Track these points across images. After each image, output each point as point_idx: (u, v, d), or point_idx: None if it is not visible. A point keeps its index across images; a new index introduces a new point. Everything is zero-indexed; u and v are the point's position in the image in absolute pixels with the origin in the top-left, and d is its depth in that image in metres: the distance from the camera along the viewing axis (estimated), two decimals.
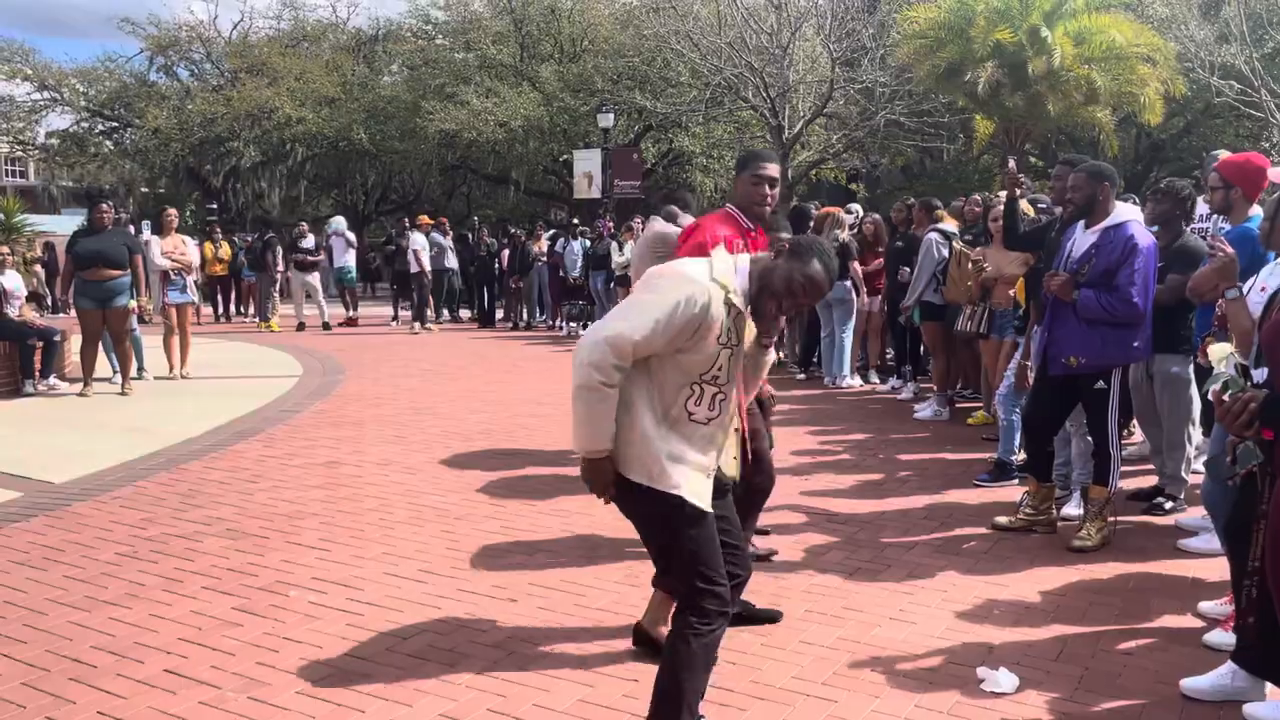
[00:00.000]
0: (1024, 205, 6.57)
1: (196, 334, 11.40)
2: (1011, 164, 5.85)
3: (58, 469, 6.27)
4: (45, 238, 12.10)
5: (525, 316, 17.24)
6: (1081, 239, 4.80)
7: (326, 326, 15.53)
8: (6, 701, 3.26)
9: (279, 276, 17.37)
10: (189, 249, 10.81)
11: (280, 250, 17.33)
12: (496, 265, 17.64)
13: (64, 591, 4.23)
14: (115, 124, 31.39)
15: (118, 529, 5.07)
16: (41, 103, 30.35)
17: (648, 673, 3.05)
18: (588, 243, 15.81)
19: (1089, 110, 19.53)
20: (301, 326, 15.42)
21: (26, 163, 40.42)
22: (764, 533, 4.87)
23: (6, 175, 44.38)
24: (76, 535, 4.98)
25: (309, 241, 16.28)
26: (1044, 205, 6.58)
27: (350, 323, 16.59)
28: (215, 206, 28.82)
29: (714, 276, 2.75)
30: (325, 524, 5.21)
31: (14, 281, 9.44)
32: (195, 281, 11.24)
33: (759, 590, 4.23)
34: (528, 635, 3.80)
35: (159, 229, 10.88)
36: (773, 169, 3.89)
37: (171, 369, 10.21)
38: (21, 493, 5.82)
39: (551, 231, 18.67)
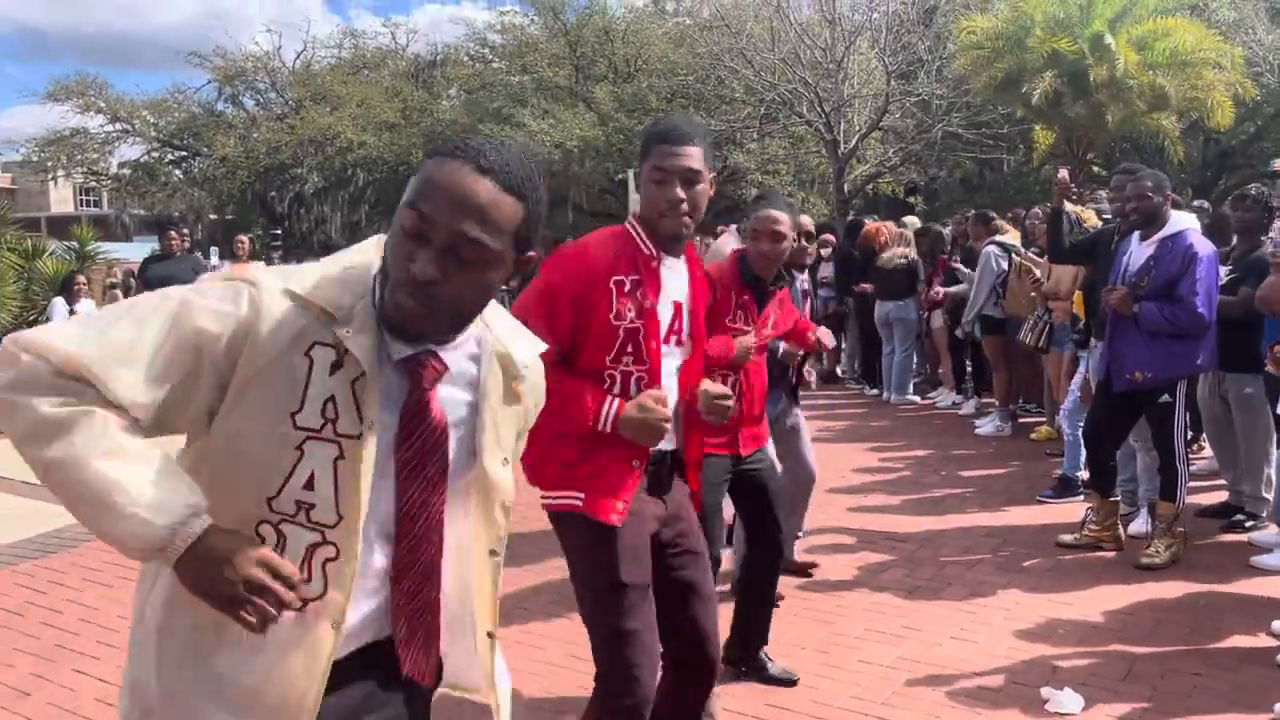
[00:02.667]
0: (1088, 214, 6.46)
1: None
2: (1063, 174, 5.67)
3: None
4: (124, 265, 12.50)
5: None
6: (1138, 251, 4.70)
7: None
8: (82, 717, 3.35)
9: None
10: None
11: None
12: None
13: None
14: (184, 153, 32.29)
15: None
16: (114, 134, 31.36)
17: None
18: None
19: (1153, 118, 19.13)
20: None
21: (100, 192, 41.71)
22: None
23: (81, 205, 45.90)
24: None
25: None
26: (1109, 215, 6.45)
27: None
28: (280, 232, 29.50)
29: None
30: None
31: (88, 309, 9.74)
32: None
33: (816, 608, 4.21)
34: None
35: (231, 255, 11.19)
36: (687, 154, 2.32)
37: None
38: None
39: None
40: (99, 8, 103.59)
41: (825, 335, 4.05)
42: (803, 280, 4.44)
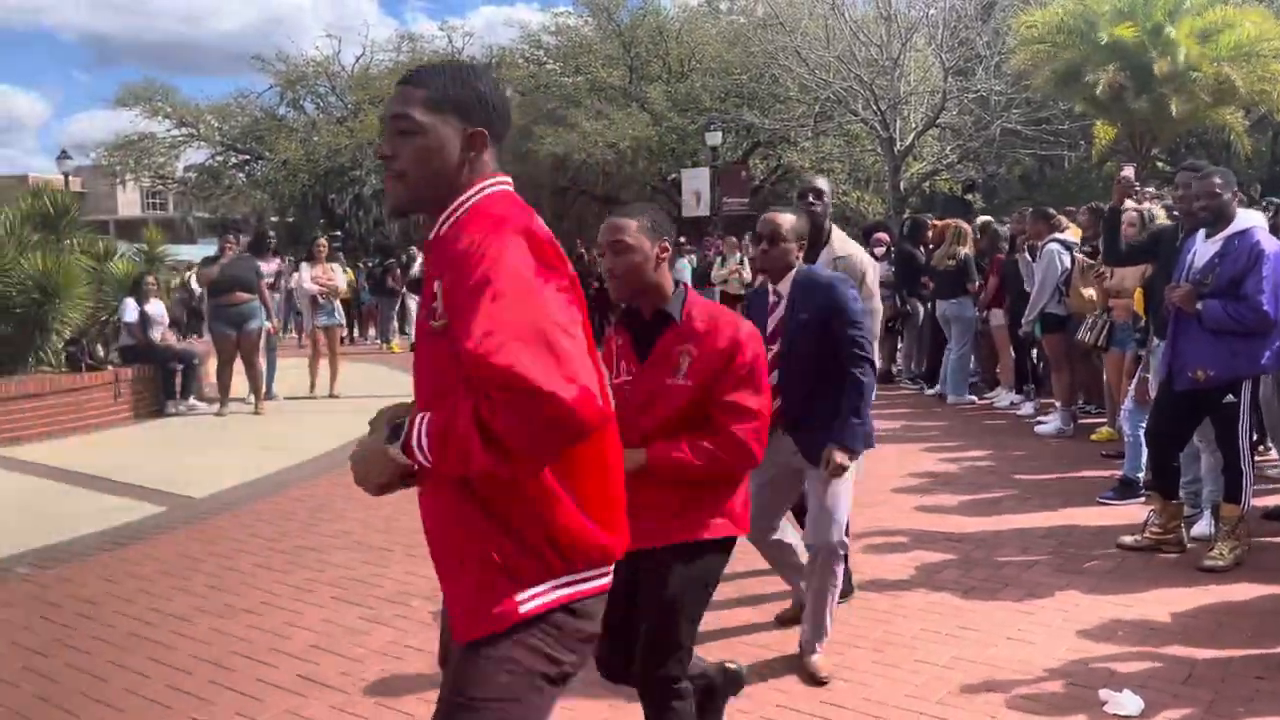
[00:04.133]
0: (1158, 210, 6.33)
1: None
2: (1127, 171, 5.52)
3: (198, 484, 6.64)
4: (186, 266, 12.85)
5: None
6: (1203, 249, 4.62)
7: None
8: (154, 702, 3.48)
9: (398, 300, 18.03)
10: (337, 275, 11.34)
11: (398, 274, 17.98)
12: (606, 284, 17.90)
13: (205, 599, 4.50)
14: (247, 157, 32.99)
15: (253, 541, 5.35)
16: (180, 138, 32.14)
17: None
18: (694, 258, 15.93)
19: (1218, 111, 18.68)
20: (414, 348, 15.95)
21: (166, 195, 42.76)
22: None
23: (148, 208, 47.09)
24: (216, 547, 5.28)
25: (418, 267, 16.89)
26: (1178, 213, 6.33)
27: None
28: (340, 234, 30.01)
29: None
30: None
31: (158, 309, 10.03)
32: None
33: (872, 607, 4.22)
34: None
35: (311, 256, 11.44)
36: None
37: (313, 388, 10.67)
38: (165, 507, 6.19)
39: None
40: (161, 15, 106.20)
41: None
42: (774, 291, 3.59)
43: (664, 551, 2.61)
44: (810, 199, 4.29)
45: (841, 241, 4.36)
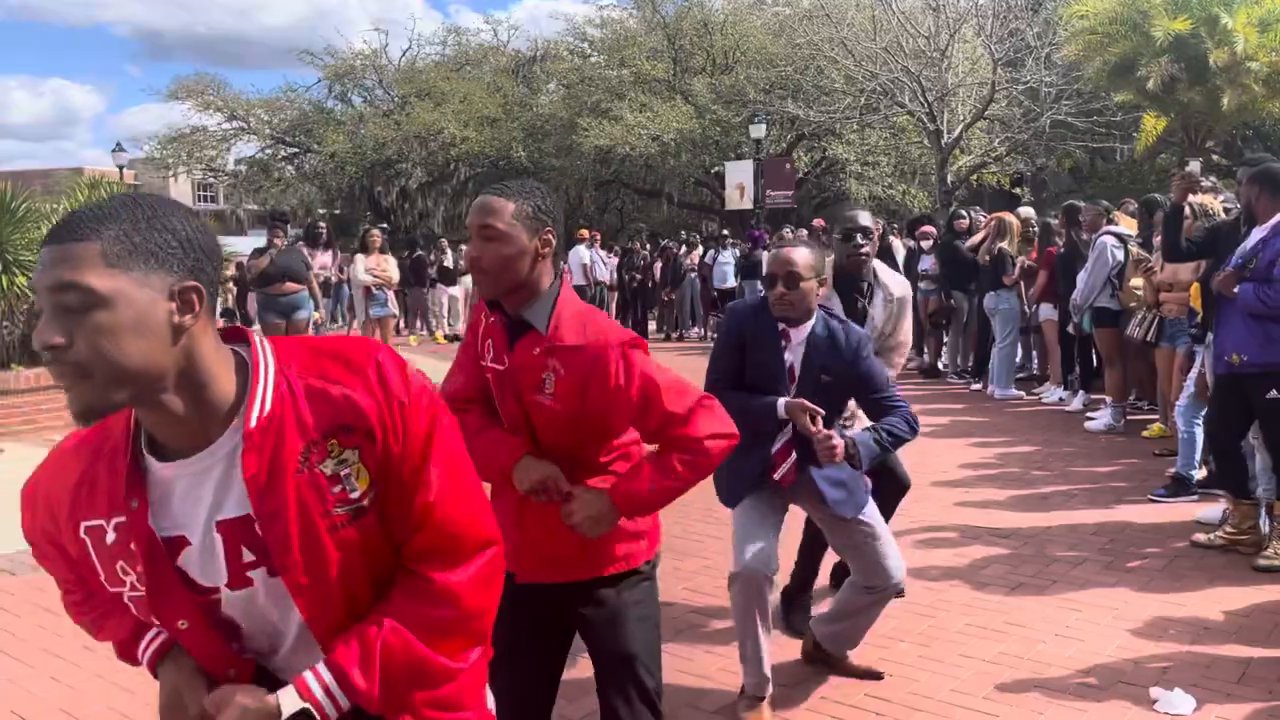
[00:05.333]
0: (1214, 204, 6.21)
1: None
2: (1193, 166, 5.37)
3: None
4: (237, 258, 13.04)
5: (677, 327, 17.48)
6: (1254, 234, 4.60)
7: (457, 339, 16.32)
8: None
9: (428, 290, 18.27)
10: (390, 266, 11.48)
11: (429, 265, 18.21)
12: (650, 278, 17.98)
13: None
14: (296, 150, 33.42)
15: None
16: (231, 132, 32.64)
17: None
18: (738, 252, 15.91)
19: (1275, 103, 18.25)
20: (454, 339, 16.21)
21: (216, 188, 43.46)
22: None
23: (199, 200, 47.89)
24: None
25: (449, 259, 17.14)
26: (1234, 207, 6.21)
27: None
28: (386, 226, 30.32)
29: None
30: None
31: None
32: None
33: (917, 602, 4.19)
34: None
35: (364, 248, 11.58)
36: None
37: None
38: None
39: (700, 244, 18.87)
40: (210, 9, 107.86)
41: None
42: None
43: (590, 586, 2.27)
44: (858, 240, 3.76)
45: (888, 279, 3.91)
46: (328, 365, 1.32)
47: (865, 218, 3.85)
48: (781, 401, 3.09)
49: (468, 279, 18.38)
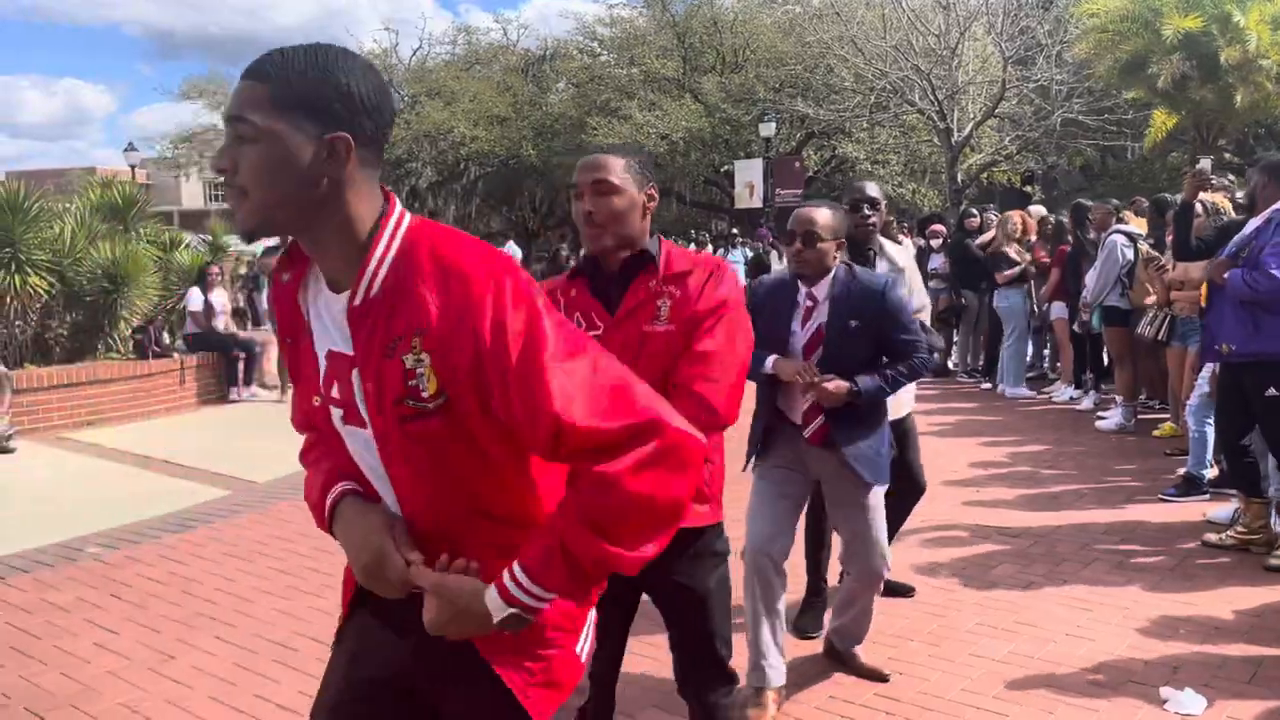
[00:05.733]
0: (1225, 202, 6.20)
1: None
2: (1204, 164, 5.36)
3: (261, 469, 6.79)
4: (248, 258, 13.11)
5: None
6: (1250, 224, 4.63)
7: None
8: (221, 679, 3.58)
9: None
10: None
11: None
12: None
13: (268, 581, 4.60)
14: None
15: (314, 525, 5.45)
16: None
17: None
18: (748, 251, 15.90)
19: None
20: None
21: None
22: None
23: (211, 199, 48.03)
24: (278, 531, 5.40)
25: None
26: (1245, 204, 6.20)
27: None
28: None
29: None
30: None
31: (221, 298, 10.25)
32: None
33: (927, 601, 4.19)
34: None
35: None
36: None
37: None
38: (229, 491, 6.34)
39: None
40: (221, 9, 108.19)
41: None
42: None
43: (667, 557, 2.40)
44: (865, 210, 3.84)
45: (892, 250, 3.99)
46: (440, 265, 1.36)
47: (872, 188, 3.97)
48: (771, 359, 3.13)
49: None
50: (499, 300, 1.33)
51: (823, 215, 3.13)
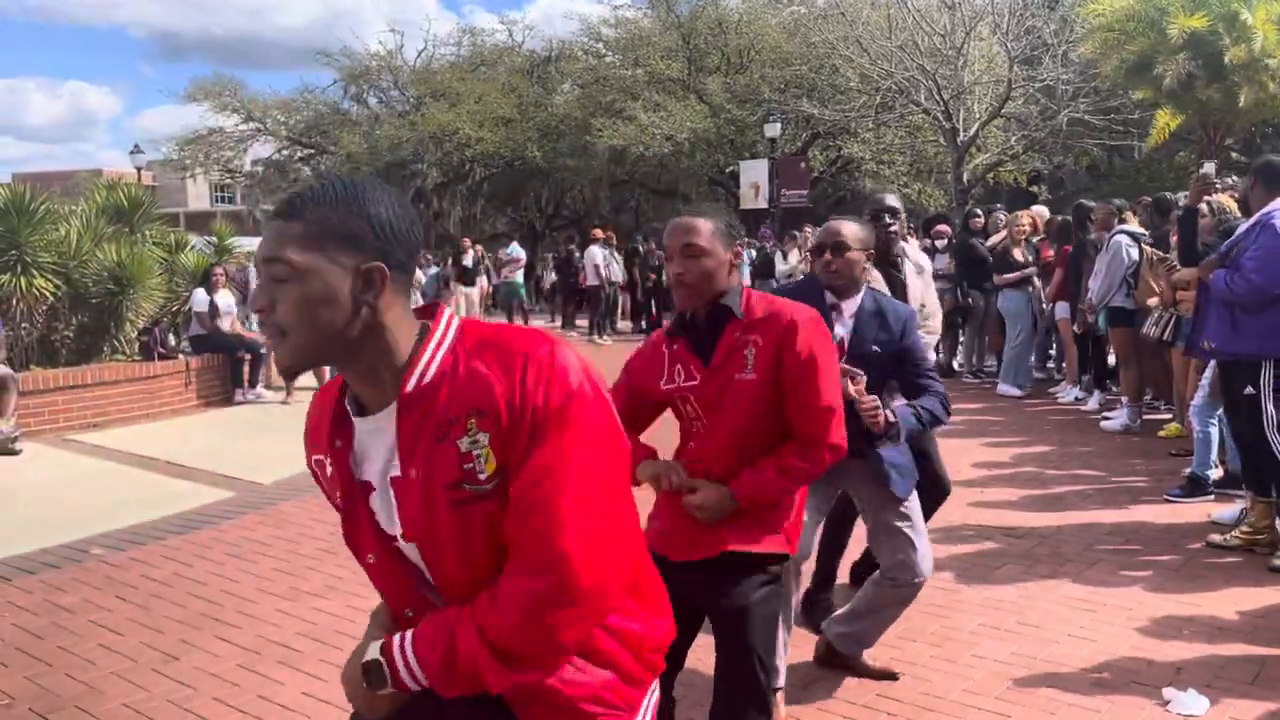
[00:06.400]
0: (1230, 203, 6.17)
1: None
2: (1208, 168, 5.33)
3: (266, 470, 6.81)
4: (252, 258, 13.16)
5: None
6: (1242, 225, 4.67)
7: None
8: (224, 680, 3.59)
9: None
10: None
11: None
12: (664, 277, 18.08)
13: (272, 582, 4.62)
14: (312, 151, 33.57)
15: (318, 526, 5.47)
16: (248, 133, 32.81)
17: None
18: (753, 252, 15.90)
19: None
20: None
21: (233, 189, 43.74)
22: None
23: (216, 201, 48.15)
24: (282, 531, 5.41)
25: (469, 259, 17.27)
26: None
27: None
28: None
29: None
30: None
31: (226, 299, 10.27)
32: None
33: (930, 602, 4.18)
34: None
35: None
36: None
37: None
38: (234, 492, 6.35)
39: None
40: (225, 10, 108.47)
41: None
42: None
43: (716, 565, 2.43)
44: (887, 219, 3.86)
45: (912, 252, 4.03)
46: (490, 349, 1.39)
47: (891, 198, 4.03)
48: None
49: (483, 279, 18.51)
50: (547, 377, 1.35)
51: (849, 227, 3.20)
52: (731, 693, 2.45)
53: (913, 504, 3.28)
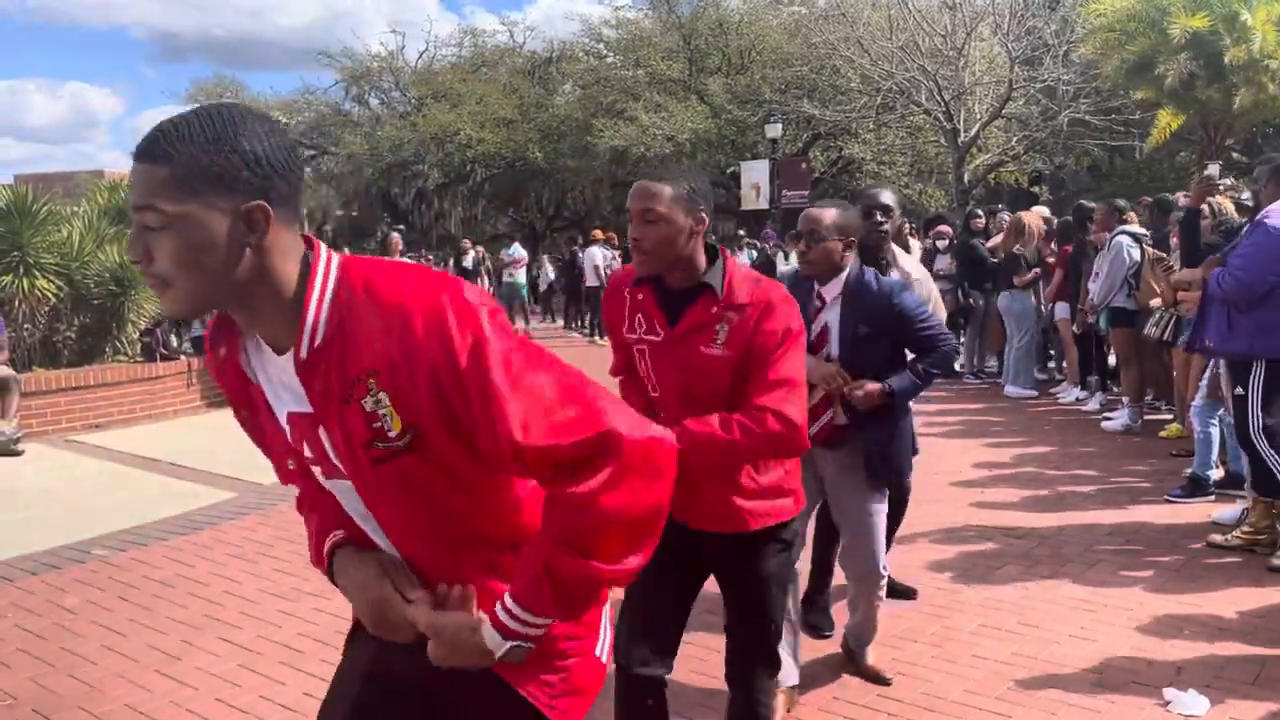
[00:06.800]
0: (1227, 204, 6.18)
1: None
2: (1211, 170, 5.30)
3: (267, 472, 6.71)
4: None
5: None
6: (1248, 225, 4.68)
7: None
8: (226, 681, 3.60)
9: None
10: None
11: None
12: None
13: (273, 583, 4.62)
14: (313, 151, 33.58)
15: None
16: None
17: None
18: (753, 253, 15.92)
19: None
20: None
21: None
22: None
23: None
24: (283, 532, 5.42)
25: (469, 259, 17.31)
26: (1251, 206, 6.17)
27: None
28: (403, 227, 30.43)
29: None
30: None
31: None
32: None
33: (931, 602, 4.19)
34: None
35: (386, 250, 11.67)
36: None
37: None
38: (235, 493, 6.36)
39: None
40: (225, 11, 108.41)
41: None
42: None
43: (732, 540, 2.44)
44: (878, 216, 3.78)
45: (905, 262, 3.94)
46: (378, 302, 1.32)
47: (886, 196, 3.93)
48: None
49: (484, 281, 18.56)
50: (444, 330, 1.29)
51: (828, 214, 3.13)
52: (753, 660, 2.56)
53: (878, 499, 3.28)
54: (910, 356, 3.24)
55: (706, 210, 2.34)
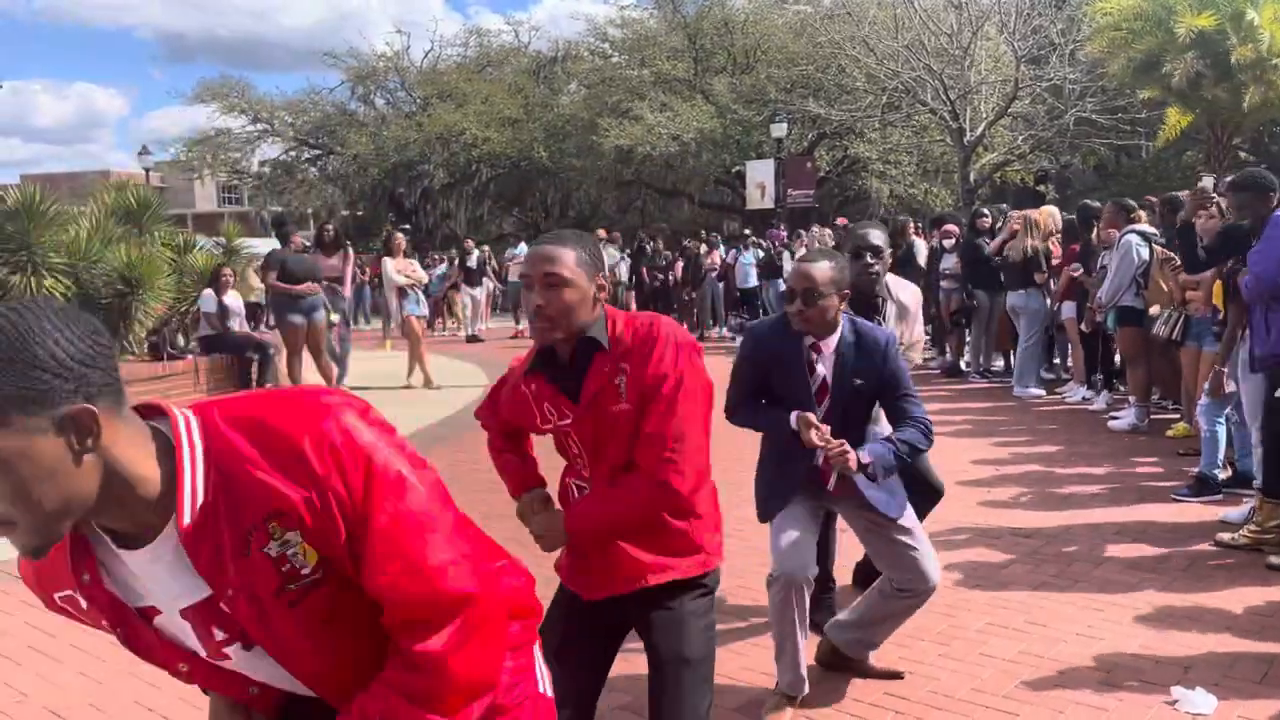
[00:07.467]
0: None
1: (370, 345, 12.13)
2: (1205, 183, 5.36)
3: None
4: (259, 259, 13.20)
5: (698, 326, 17.50)
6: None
7: (475, 339, 16.59)
8: None
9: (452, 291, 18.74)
10: (417, 268, 11.72)
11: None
12: (670, 277, 18.07)
13: None
14: (319, 151, 33.65)
15: None
16: (255, 134, 32.90)
17: None
18: (760, 252, 15.92)
19: None
20: (473, 339, 16.54)
21: (241, 189, 43.82)
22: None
23: (224, 202, 48.26)
24: None
25: (474, 259, 17.37)
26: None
27: (521, 334, 17.34)
28: (408, 227, 30.48)
29: None
30: (516, 527, 5.45)
31: (235, 300, 10.30)
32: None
33: (937, 601, 4.17)
34: None
35: (390, 251, 11.71)
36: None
37: (428, 380, 10.92)
38: None
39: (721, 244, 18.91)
40: (231, 12, 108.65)
41: None
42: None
43: (653, 593, 2.30)
44: (868, 259, 3.68)
45: (898, 289, 3.83)
46: (258, 447, 1.26)
47: (876, 236, 3.77)
48: (794, 415, 3.11)
49: (489, 281, 18.60)
50: (339, 460, 1.26)
51: (821, 270, 3.02)
52: (671, 708, 2.29)
53: (909, 515, 3.26)
54: (881, 430, 3.26)
55: (604, 275, 2.24)
